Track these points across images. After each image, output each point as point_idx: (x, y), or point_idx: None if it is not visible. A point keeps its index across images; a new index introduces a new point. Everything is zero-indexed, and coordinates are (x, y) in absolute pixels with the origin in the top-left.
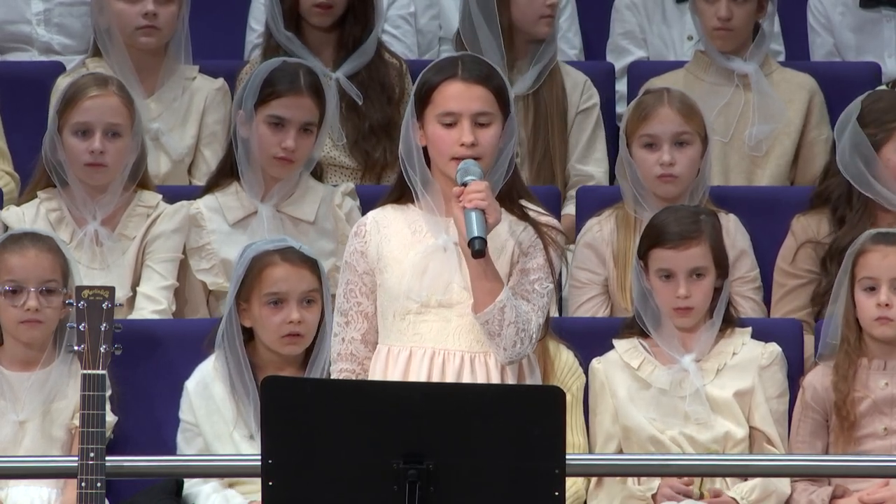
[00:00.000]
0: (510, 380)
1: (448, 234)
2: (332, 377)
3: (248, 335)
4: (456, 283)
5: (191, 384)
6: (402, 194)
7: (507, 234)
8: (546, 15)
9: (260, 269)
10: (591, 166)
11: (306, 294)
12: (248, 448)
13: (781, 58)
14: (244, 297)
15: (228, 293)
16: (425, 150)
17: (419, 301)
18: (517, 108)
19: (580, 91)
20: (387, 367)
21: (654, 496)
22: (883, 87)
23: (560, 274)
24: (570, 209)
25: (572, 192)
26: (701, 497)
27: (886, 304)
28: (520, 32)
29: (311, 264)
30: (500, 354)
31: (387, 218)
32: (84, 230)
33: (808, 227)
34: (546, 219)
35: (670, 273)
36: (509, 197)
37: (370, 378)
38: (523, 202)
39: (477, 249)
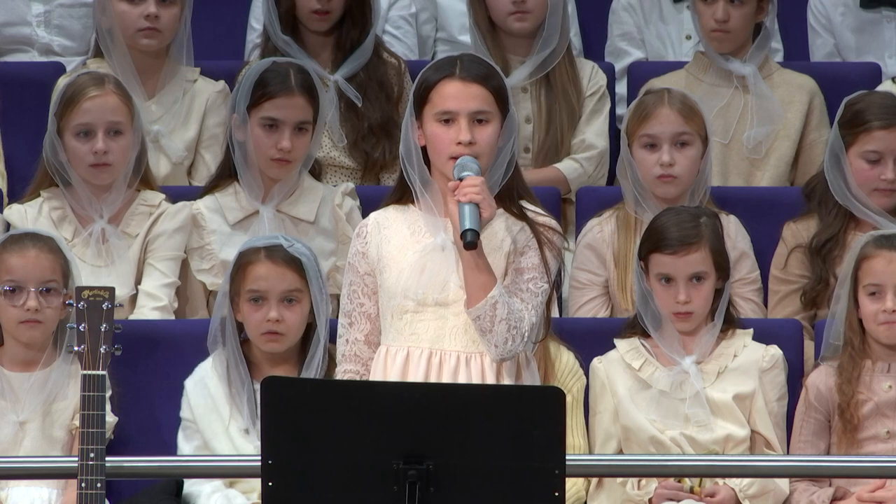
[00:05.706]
0: (506, 380)
1: (446, 234)
2: (336, 378)
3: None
4: (453, 282)
5: (190, 382)
6: (403, 194)
7: (504, 232)
8: (513, 11)
9: (244, 266)
10: (589, 134)
11: (287, 293)
12: (244, 442)
13: (779, 56)
14: (235, 292)
15: (220, 288)
16: (425, 150)
17: (416, 299)
18: (529, 96)
19: (588, 77)
20: (385, 367)
21: (650, 500)
22: (884, 84)
23: (558, 274)
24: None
25: (568, 161)
26: (694, 491)
27: (893, 311)
28: (500, 28)
29: (296, 264)
30: (492, 351)
31: (388, 219)
32: (90, 228)
33: (798, 233)
34: (544, 219)
35: (670, 278)
36: (509, 196)
37: (371, 379)
38: (523, 202)
39: (469, 241)
